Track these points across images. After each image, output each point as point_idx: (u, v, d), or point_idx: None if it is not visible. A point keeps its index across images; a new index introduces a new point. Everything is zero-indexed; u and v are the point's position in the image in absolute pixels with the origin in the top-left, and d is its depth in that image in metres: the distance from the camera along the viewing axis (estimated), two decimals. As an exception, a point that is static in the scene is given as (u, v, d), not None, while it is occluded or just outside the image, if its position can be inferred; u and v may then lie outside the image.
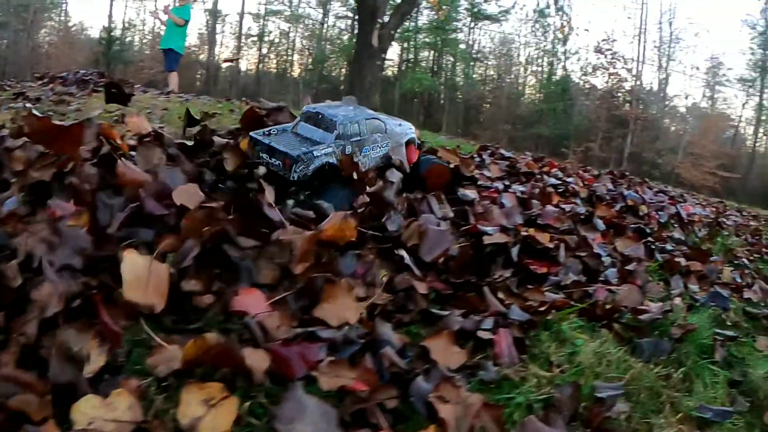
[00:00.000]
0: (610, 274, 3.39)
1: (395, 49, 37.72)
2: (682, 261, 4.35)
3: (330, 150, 3.26)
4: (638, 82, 38.60)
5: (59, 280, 1.80)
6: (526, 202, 4.05)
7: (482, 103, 41.49)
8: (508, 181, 4.78)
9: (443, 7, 31.18)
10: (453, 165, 3.99)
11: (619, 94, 38.41)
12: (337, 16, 39.79)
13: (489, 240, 2.90)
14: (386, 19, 14.32)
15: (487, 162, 5.21)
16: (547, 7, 38.96)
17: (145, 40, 39.15)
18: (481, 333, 2.23)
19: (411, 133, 4.01)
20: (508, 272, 2.80)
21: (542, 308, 2.52)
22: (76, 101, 6.48)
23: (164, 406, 1.58)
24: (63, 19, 39.25)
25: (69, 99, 6.60)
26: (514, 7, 39.35)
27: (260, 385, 1.71)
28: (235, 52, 39.32)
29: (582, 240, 3.54)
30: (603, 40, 38.58)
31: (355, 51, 15.24)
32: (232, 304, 1.99)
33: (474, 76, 41.39)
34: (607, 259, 3.58)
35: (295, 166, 3.07)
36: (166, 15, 11.25)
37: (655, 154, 35.67)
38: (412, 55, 39.40)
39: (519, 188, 4.48)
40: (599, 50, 38.38)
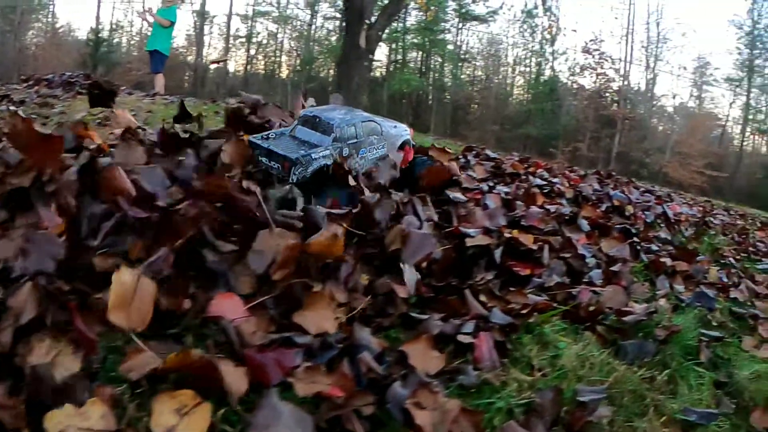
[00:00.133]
0: (595, 275, 3.37)
1: (383, 50, 37.79)
2: (668, 261, 4.33)
3: (328, 152, 3.31)
4: (626, 82, 38.76)
5: (34, 287, 1.76)
6: (511, 204, 4.02)
7: (470, 103, 41.50)
8: (493, 182, 4.77)
9: (431, 7, 31.26)
10: (446, 165, 3.98)
11: (607, 94, 38.54)
12: (325, 17, 39.78)
13: (471, 242, 2.87)
14: (374, 20, 14.30)
15: (472, 163, 5.19)
16: (535, 7, 39.14)
17: (132, 42, 39.01)
18: (461, 337, 2.20)
19: (406, 135, 4.05)
20: (490, 275, 2.77)
21: (524, 311, 2.49)
22: (61, 104, 6.44)
23: (138, 414, 1.56)
24: (50, 20, 39.14)
25: (53, 102, 6.56)
26: (501, 7, 39.39)
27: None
28: (223, 53, 39.26)
29: (566, 241, 3.51)
30: (591, 41, 38.72)
31: (342, 52, 15.20)
32: (209, 309, 1.95)
33: (462, 76, 41.44)
34: (592, 260, 3.56)
35: (294, 168, 3.12)
36: (151, 17, 11.20)
37: (642, 154, 35.79)
38: (400, 56, 39.39)
39: (504, 189, 4.46)
40: (587, 50, 38.51)
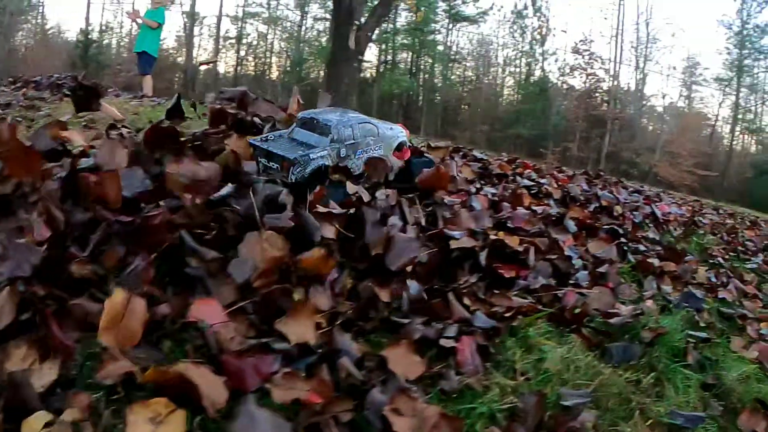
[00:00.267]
0: (581, 276, 3.34)
1: (373, 51, 37.85)
2: (656, 262, 4.32)
3: (325, 153, 3.35)
4: (616, 82, 38.96)
5: (11, 292, 1.75)
6: (497, 205, 3.99)
7: (460, 104, 41.61)
8: (480, 184, 4.73)
9: (421, 8, 31.30)
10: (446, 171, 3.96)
11: (597, 94, 38.73)
12: (315, 18, 39.81)
13: (456, 244, 2.83)
14: (363, 22, 14.28)
15: (459, 164, 5.16)
16: (525, 8, 39.32)
17: (122, 43, 38.94)
18: (443, 341, 2.16)
19: (402, 136, 4.08)
20: (474, 277, 2.74)
21: (508, 314, 2.47)
22: (47, 106, 6.38)
23: (113, 421, 1.54)
24: (40, 21, 39.01)
25: (40, 104, 6.50)
26: (492, 8, 39.50)
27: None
28: (213, 54, 39.19)
29: (553, 242, 3.49)
30: (580, 41, 38.97)
31: (331, 53, 15.17)
32: (188, 315, 1.92)
33: (452, 77, 41.56)
34: (578, 262, 3.54)
35: (292, 168, 3.16)
36: (138, 19, 11.14)
37: (633, 154, 35.93)
38: (390, 57, 39.41)
39: (490, 190, 4.42)
40: (577, 51, 38.73)
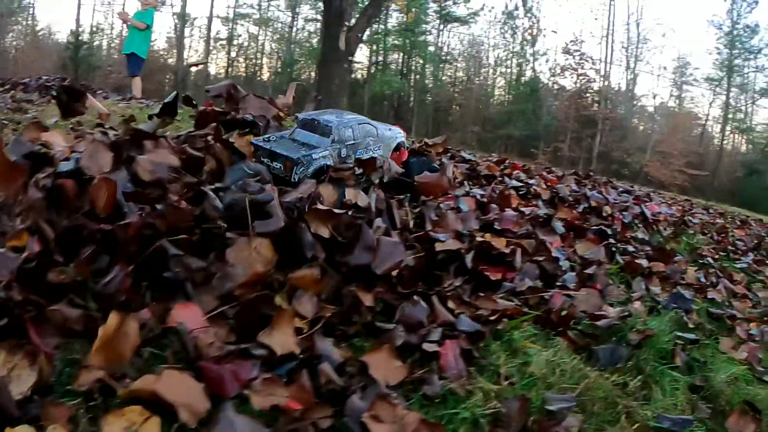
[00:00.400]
0: (569, 278, 3.33)
1: (364, 52, 37.78)
2: (645, 262, 4.30)
3: (327, 153, 3.48)
4: (606, 83, 39.00)
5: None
6: (485, 206, 3.97)
7: (452, 104, 41.61)
8: (468, 185, 4.72)
9: (412, 9, 31.27)
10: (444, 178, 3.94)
11: (588, 95, 38.76)
12: (306, 19, 39.69)
13: (441, 247, 2.81)
14: (353, 23, 14.24)
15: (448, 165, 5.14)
16: (516, 9, 39.32)
17: (113, 45, 38.68)
18: (426, 345, 2.14)
19: (400, 137, 4.24)
20: (459, 280, 2.71)
21: (493, 317, 2.44)
22: (35, 108, 6.35)
23: (90, 429, 1.53)
24: (30, 23, 38.79)
25: (27, 106, 6.46)
26: (482, 9, 39.52)
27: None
28: (203, 55, 39.09)
29: (540, 244, 3.47)
30: (571, 41, 38.98)
31: (322, 54, 15.12)
32: (168, 320, 1.90)
33: (443, 78, 41.54)
34: (566, 263, 3.52)
35: (296, 168, 3.28)
36: (126, 20, 11.07)
37: (623, 154, 35.99)
38: (381, 58, 39.36)
39: (478, 192, 4.41)
40: (567, 51, 38.73)
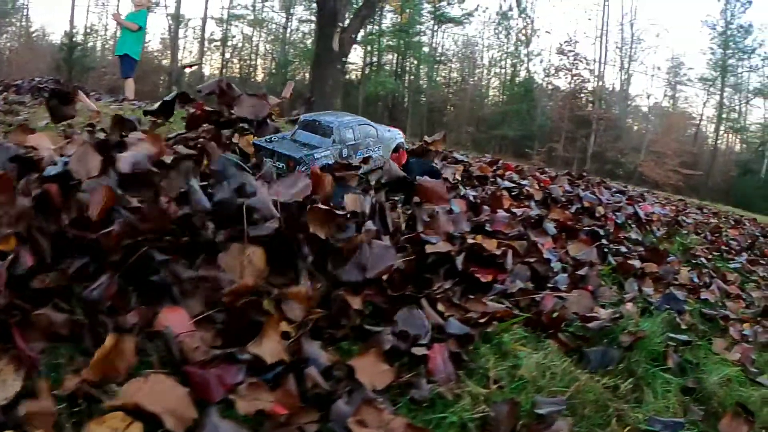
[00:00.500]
0: (560, 279, 3.31)
1: (358, 53, 37.75)
2: (637, 263, 4.29)
3: (328, 152, 3.55)
4: (600, 83, 39.08)
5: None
6: (477, 208, 3.95)
7: (446, 105, 41.65)
8: (463, 186, 4.69)
9: (406, 10, 31.27)
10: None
11: (582, 95, 38.81)
12: (301, 20, 39.64)
13: (432, 249, 2.78)
14: (347, 24, 14.23)
15: (440, 166, 5.12)
16: (510, 9, 39.36)
17: (107, 46, 38.58)
18: (415, 349, 2.11)
19: (399, 138, 4.31)
20: (449, 283, 2.68)
21: (483, 319, 2.41)
22: (27, 110, 6.29)
23: (74, 433, 1.50)
24: (24, 24, 38.72)
25: (19, 108, 6.41)
26: (477, 9, 39.50)
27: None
28: (198, 56, 39.01)
29: (532, 245, 3.44)
30: (565, 42, 39.05)
31: (315, 55, 15.11)
32: (155, 324, 1.88)
33: (437, 78, 41.53)
34: (557, 265, 3.50)
35: (298, 167, 3.32)
36: (119, 22, 11.02)
37: (618, 154, 36.06)
38: (375, 59, 39.33)
39: (471, 193, 4.39)
40: (561, 52, 38.81)
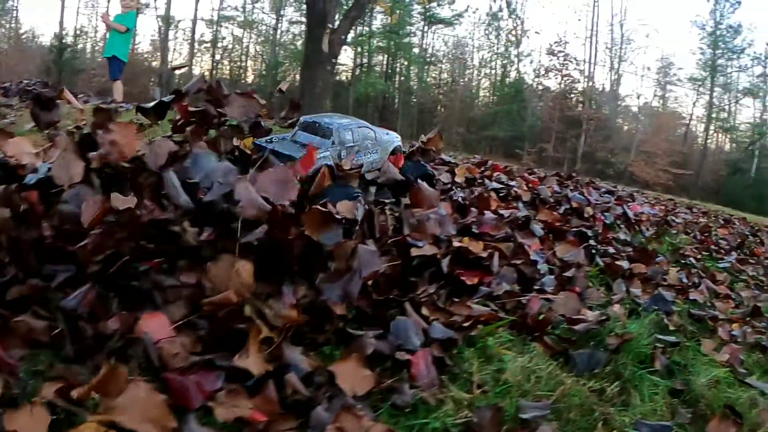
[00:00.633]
0: (547, 281, 3.29)
1: (349, 54, 37.73)
2: (625, 264, 4.28)
3: (328, 154, 3.62)
4: (590, 83, 39.15)
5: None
6: (465, 209, 3.93)
7: (436, 106, 41.67)
8: (449, 188, 4.67)
9: (396, 11, 31.23)
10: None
11: (572, 95, 38.89)
12: (291, 22, 39.57)
13: (417, 252, 2.77)
14: (336, 25, 14.21)
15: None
16: (500, 10, 39.41)
17: (97, 48, 38.40)
18: (398, 353, 2.09)
19: (397, 141, 4.41)
20: (433, 287, 2.66)
21: (467, 323, 2.40)
22: (14, 113, 6.26)
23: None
24: (14, 26, 38.54)
25: (6, 111, 6.38)
26: (467, 10, 39.54)
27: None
28: (188, 58, 38.91)
29: (518, 247, 3.42)
30: (555, 42, 39.11)
31: (305, 56, 15.07)
32: (135, 330, 1.86)
33: (428, 79, 41.53)
34: (544, 267, 3.49)
35: None
36: (108, 23, 10.97)
37: (608, 154, 36.14)
38: (365, 60, 39.31)
39: (460, 195, 4.36)
40: (551, 52, 38.86)
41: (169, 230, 2.22)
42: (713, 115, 38.69)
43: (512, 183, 5.59)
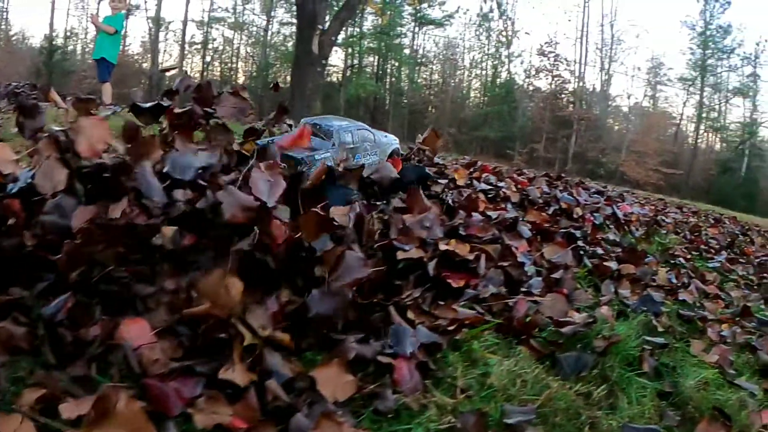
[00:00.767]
0: (535, 283, 3.26)
1: (339, 55, 37.77)
2: (614, 265, 4.26)
3: (328, 155, 3.67)
4: (581, 84, 39.26)
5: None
6: (453, 211, 3.91)
7: (427, 107, 41.74)
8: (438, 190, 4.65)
9: (386, 12, 31.28)
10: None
11: (563, 96, 39.01)
12: (281, 23, 39.60)
13: (403, 255, 2.74)
14: (326, 26, 14.22)
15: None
16: (490, 11, 39.49)
17: (87, 49, 38.30)
18: (381, 358, 2.07)
19: (395, 144, 4.53)
20: (418, 291, 2.63)
21: (452, 327, 2.37)
22: (1, 117, 6.21)
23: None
24: (4, 27, 38.42)
25: (-6, 115, 6.34)
26: (457, 11, 39.61)
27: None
28: (178, 60, 38.86)
29: (505, 249, 3.40)
30: (545, 43, 39.25)
31: (295, 58, 15.10)
32: (116, 335, 1.84)
33: (419, 80, 41.59)
34: (531, 268, 3.46)
35: (299, 167, 3.41)
36: (95, 24, 10.92)
37: (599, 153, 36.28)
38: (356, 61, 39.32)
39: (449, 197, 4.34)
40: (542, 53, 38.98)
41: (145, 236, 2.18)
42: (703, 115, 38.94)
43: (501, 184, 5.57)
